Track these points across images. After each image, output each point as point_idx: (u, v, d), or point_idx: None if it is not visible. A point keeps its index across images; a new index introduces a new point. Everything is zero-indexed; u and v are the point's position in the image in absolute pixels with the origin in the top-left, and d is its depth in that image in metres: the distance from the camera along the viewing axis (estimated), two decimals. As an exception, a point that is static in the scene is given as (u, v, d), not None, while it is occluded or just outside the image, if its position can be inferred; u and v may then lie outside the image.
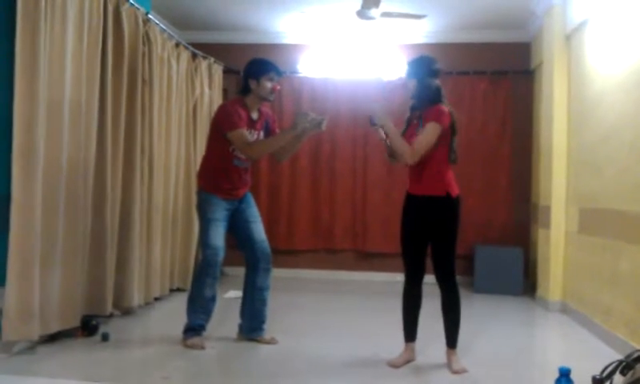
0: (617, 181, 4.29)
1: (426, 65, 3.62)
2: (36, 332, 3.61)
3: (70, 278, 3.92)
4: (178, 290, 5.77)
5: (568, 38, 5.51)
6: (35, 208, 3.56)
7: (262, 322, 4.15)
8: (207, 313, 4.06)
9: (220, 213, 3.99)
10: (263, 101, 4.04)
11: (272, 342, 4.09)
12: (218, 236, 3.98)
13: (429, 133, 3.48)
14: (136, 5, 4.73)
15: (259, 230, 4.11)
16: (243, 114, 3.95)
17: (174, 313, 4.95)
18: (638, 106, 3.97)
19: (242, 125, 3.90)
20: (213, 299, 4.05)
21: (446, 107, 3.54)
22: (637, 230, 3.89)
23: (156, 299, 5.34)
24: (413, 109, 3.71)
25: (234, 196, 4.05)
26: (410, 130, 3.67)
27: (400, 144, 3.53)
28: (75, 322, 4.00)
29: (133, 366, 3.71)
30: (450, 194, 3.55)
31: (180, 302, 4.23)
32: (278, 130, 4.12)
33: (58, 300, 3.84)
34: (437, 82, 3.61)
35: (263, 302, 4.14)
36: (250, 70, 4.04)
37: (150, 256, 5.08)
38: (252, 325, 4.14)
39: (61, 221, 3.82)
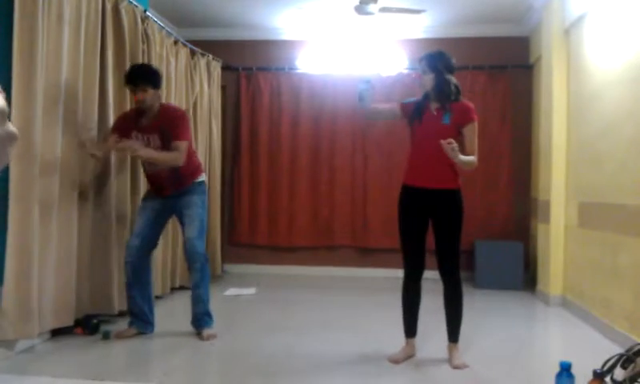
0: (616, 175, 4.29)
1: (444, 61, 3.60)
2: (35, 330, 3.61)
3: (64, 276, 3.93)
4: (181, 288, 5.76)
5: (567, 32, 5.50)
6: (33, 207, 3.55)
7: (197, 318, 4.17)
8: (131, 300, 4.15)
9: (144, 204, 4.25)
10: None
11: (207, 339, 4.07)
12: (136, 226, 4.19)
13: (476, 133, 3.56)
14: (134, 2, 4.72)
15: (188, 230, 4.12)
16: (129, 115, 4.18)
17: (175, 311, 4.96)
18: (637, 101, 3.97)
19: (112, 128, 4.17)
20: (129, 287, 4.14)
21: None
22: (636, 223, 3.89)
23: (158, 298, 5.34)
24: (427, 99, 3.63)
25: (159, 195, 4.18)
26: (429, 119, 3.58)
27: (469, 161, 3.50)
28: (69, 321, 4.00)
29: (134, 363, 3.71)
30: (459, 188, 3.58)
31: (182, 300, 4.24)
32: (173, 135, 3.97)
33: (53, 298, 3.83)
34: (454, 78, 3.61)
35: (196, 299, 4.16)
36: None
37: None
38: (193, 319, 4.21)
39: (55, 220, 3.81)
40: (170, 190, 4.13)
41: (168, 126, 3.99)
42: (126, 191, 4.62)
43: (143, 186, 4.83)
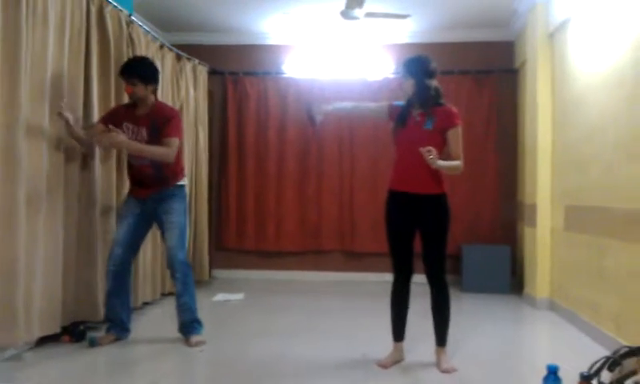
0: (601, 178, 4.32)
1: (423, 65, 3.60)
2: (20, 339, 3.56)
3: (51, 283, 3.88)
4: (170, 294, 5.71)
5: (551, 37, 5.54)
6: (19, 213, 3.51)
7: (185, 325, 4.15)
8: (110, 307, 4.12)
9: (125, 210, 4.20)
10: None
11: (195, 345, 4.04)
12: (118, 233, 4.16)
13: (460, 138, 3.56)
14: (119, 7, 4.69)
15: (168, 238, 4.11)
16: (121, 107, 4.22)
17: (164, 317, 4.92)
18: (621, 104, 4.01)
19: (100, 119, 4.17)
20: (110, 294, 4.11)
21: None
22: (621, 226, 3.93)
23: (147, 304, 5.30)
24: (410, 104, 3.65)
25: (140, 196, 4.16)
26: (412, 125, 3.59)
27: (453, 166, 3.53)
28: (55, 328, 3.96)
29: (121, 371, 3.67)
30: (444, 192, 3.58)
31: (171, 306, 4.22)
32: (165, 131, 4.00)
33: (40, 306, 3.78)
34: (435, 82, 3.61)
35: (181, 307, 4.14)
36: None
37: (140, 260, 5.02)
38: (180, 327, 4.18)
39: (41, 226, 3.77)
40: (151, 189, 4.11)
41: (160, 122, 4.01)
42: (112, 196, 4.58)
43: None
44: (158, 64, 5.44)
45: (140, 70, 4.04)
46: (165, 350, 4.01)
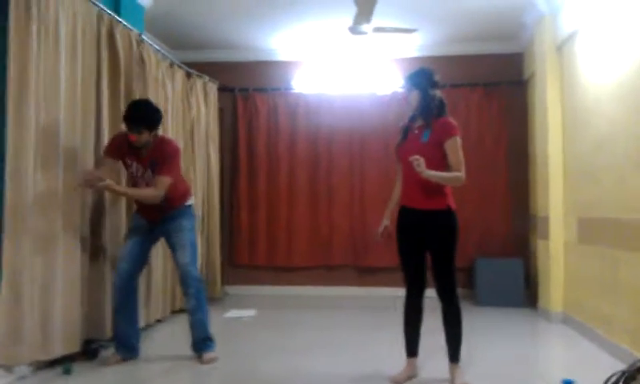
0: (613, 190, 4.29)
1: (427, 76, 3.61)
2: (26, 357, 3.56)
3: (70, 304, 3.89)
4: (181, 311, 5.72)
5: (559, 49, 5.54)
6: (26, 233, 3.54)
7: (197, 342, 4.15)
8: (117, 325, 4.12)
9: (133, 226, 4.22)
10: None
11: (207, 362, 4.04)
12: (125, 249, 4.16)
13: (459, 148, 3.51)
14: (129, 26, 4.74)
15: (180, 256, 4.13)
16: (123, 143, 4.04)
17: (175, 334, 4.92)
18: (630, 115, 3.99)
19: (105, 151, 4.10)
20: (117, 311, 4.10)
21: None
22: (635, 237, 3.89)
23: (158, 321, 5.31)
24: (413, 119, 3.68)
25: (147, 218, 4.17)
26: (410, 139, 3.63)
27: (449, 177, 3.48)
28: (76, 347, 3.96)
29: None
30: (450, 207, 3.55)
31: (182, 324, 4.22)
32: (159, 169, 3.98)
33: (60, 325, 3.80)
34: (439, 93, 3.62)
35: (195, 324, 4.15)
36: None
37: (150, 277, 5.04)
38: (193, 344, 4.18)
39: (60, 246, 3.80)
40: (158, 216, 4.14)
41: (159, 159, 4.00)
42: (121, 215, 4.61)
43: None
44: (168, 83, 5.50)
45: (148, 119, 3.95)
46: (177, 368, 4.00)
